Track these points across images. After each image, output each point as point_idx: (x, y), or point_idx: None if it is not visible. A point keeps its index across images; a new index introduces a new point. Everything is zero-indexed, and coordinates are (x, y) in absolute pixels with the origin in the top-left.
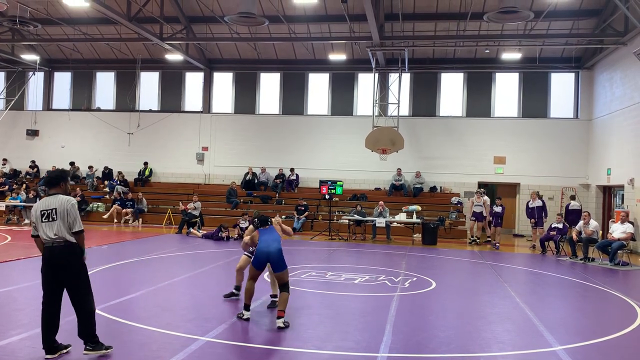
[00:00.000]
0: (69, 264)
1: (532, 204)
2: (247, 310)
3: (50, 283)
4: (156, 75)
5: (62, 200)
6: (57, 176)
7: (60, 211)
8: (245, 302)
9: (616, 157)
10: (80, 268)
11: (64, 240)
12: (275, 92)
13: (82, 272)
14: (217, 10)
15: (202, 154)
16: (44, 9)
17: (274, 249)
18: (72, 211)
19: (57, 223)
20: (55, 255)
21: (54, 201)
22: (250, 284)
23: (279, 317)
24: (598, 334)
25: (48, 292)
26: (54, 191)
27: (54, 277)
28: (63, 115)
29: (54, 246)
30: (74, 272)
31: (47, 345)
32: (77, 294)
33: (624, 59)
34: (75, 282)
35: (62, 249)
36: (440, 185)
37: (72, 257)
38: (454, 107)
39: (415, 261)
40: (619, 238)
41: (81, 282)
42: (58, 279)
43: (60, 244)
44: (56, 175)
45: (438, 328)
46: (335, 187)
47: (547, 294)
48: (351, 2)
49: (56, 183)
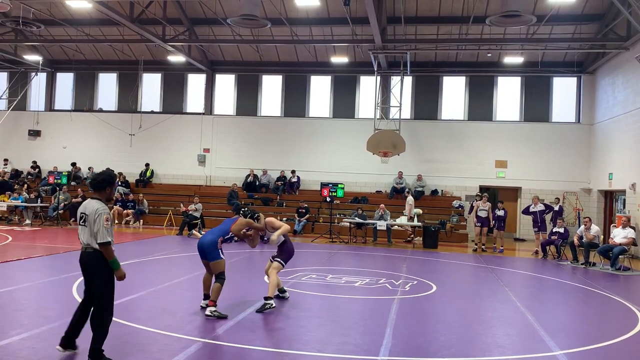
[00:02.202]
0: (92, 272)
1: (534, 208)
2: (204, 299)
3: (86, 290)
4: (158, 77)
5: (92, 208)
6: (104, 180)
7: (90, 219)
8: (204, 291)
9: (618, 161)
10: (101, 280)
11: (92, 248)
12: (277, 95)
13: (103, 285)
14: (219, 12)
15: (203, 155)
16: (47, 9)
17: (206, 239)
18: (98, 222)
19: (87, 230)
20: (83, 261)
21: (88, 206)
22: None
23: (208, 305)
24: (599, 339)
25: (84, 294)
26: (97, 195)
27: (85, 281)
28: (65, 116)
29: (84, 252)
30: (96, 281)
31: (64, 339)
32: (95, 300)
33: (626, 63)
34: (96, 291)
35: (89, 255)
36: (441, 188)
37: (96, 266)
38: (455, 111)
39: (416, 264)
40: (621, 243)
41: (100, 294)
42: (86, 283)
43: (89, 251)
44: (103, 179)
45: (438, 332)
46: (336, 189)
47: (548, 298)
48: (353, 4)
49: (101, 187)
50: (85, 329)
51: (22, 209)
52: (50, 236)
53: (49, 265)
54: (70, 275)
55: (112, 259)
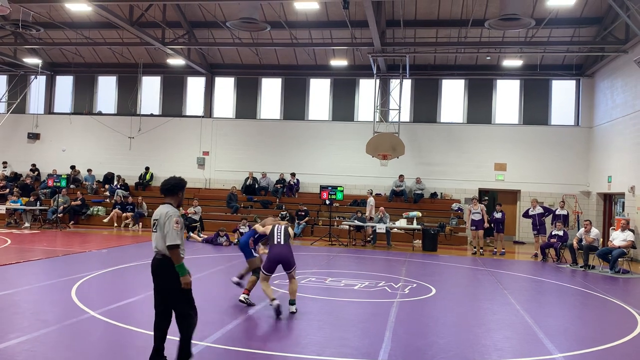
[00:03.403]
0: (164, 279)
1: (533, 211)
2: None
3: (157, 300)
4: (158, 80)
5: (163, 212)
6: (175, 185)
7: (161, 223)
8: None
9: (617, 164)
10: (175, 286)
11: (163, 254)
12: (277, 98)
13: (178, 291)
14: (219, 15)
15: (202, 158)
16: (47, 12)
17: (241, 240)
18: (168, 224)
19: (158, 235)
20: (153, 268)
21: (159, 211)
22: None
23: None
24: (598, 342)
25: (155, 303)
26: (169, 200)
27: (157, 290)
28: (64, 119)
29: (155, 258)
30: (169, 288)
31: (154, 350)
32: (175, 309)
33: (624, 66)
34: (172, 298)
35: (159, 261)
36: (440, 191)
37: (167, 271)
38: (454, 114)
39: (415, 267)
40: (620, 246)
41: (177, 300)
42: (157, 291)
43: (159, 257)
44: (174, 184)
45: (437, 335)
46: (335, 192)
47: (547, 301)
48: (353, 8)
49: (173, 192)
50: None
51: (21, 212)
52: (49, 239)
53: (47, 269)
54: (69, 279)
55: (179, 264)
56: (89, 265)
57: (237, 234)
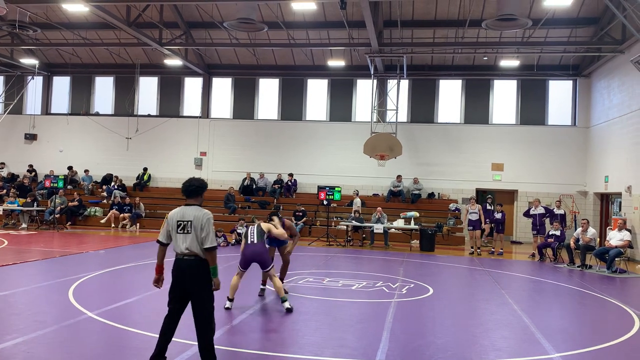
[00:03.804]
0: (196, 279)
1: (534, 210)
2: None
3: (175, 298)
4: (155, 80)
5: (199, 213)
6: (200, 187)
7: (196, 224)
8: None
9: (614, 164)
10: (205, 287)
11: (195, 255)
12: (274, 98)
13: (208, 291)
14: (216, 16)
15: (200, 159)
16: (44, 13)
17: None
18: (207, 226)
19: (190, 236)
20: (183, 270)
21: (190, 213)
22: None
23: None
24: (595, 342)
25: (171, 304)
26: (193, 202)
27: (180, 292)
28: (61, 120)
29: (183, 259)
30: (201, 288)
31: (157, 353)
32: (202, 311)
33: (621, 66)
34: (201, 298)
35: (192, 263)
36: (438, 191)
37: (200, 273)
38: (452, 114)
39: (413, 267)
40: (617, 245)
41: (206, 300)
42: (184, 294)
43: (191, 259)
44: (198, 185)
45: (435, 335)
46: (333, 192)
47: (545, 301)
48: (350, 8)
49: (198, 194)
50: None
51: (18, 212)
52: (47, 240)
53: (45, 270)
54: (66, 280)
55: (214, 265)
56: (86, 266)
57: (235, 234)
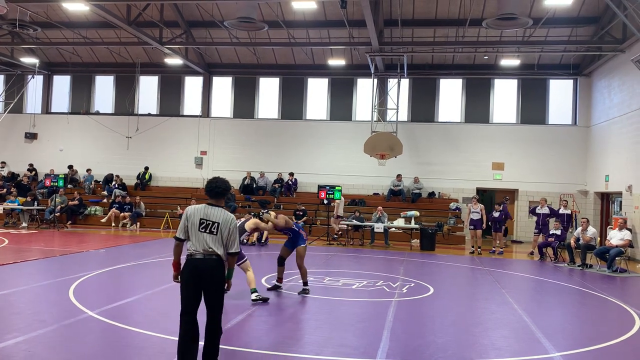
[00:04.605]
0: (215, 279)
1: (540, 210)
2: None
3: (190, 297)
4: (155, 79)
5: (227, 218)
6: (226, 189)
7: (223, 228)
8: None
9: (614, 163)
10: (220, 287)
11: (217, 255)
12: (275, 97)
13: (222, 292)
14: (216, 15)
15: (200, 158)
16: (44, 12)
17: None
18: (235, 233)
19: (216, 238)
20: (202, 268)
21: (217, 214)
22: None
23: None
24: (595, 341)
25: (187, 305)
26: (215, 202)
27: (194, 291)
28: (62, 119)
29: (204, 259)
30: (217, 288)
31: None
32: (214, 311)
33: (622, 66)
34: (216, 298)
35: (213, 263)
36: (438, 191)
37: (219, 274)
38: (452, 113)
39: (414, 267)
40: (617, 245)
41: (218, 300)
42: (198, 292)
43: (212, 258)
44: (225, 188)
45: (435, 334)
46: (333, 192)
47: (545, 300)
48: (350, 7)
49: (223, 195)
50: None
51: (18, 212)
52: (47, 239)
53: (45, 269)
54: (66, 279)
55: (231, 267)
56: (86, 265)
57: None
